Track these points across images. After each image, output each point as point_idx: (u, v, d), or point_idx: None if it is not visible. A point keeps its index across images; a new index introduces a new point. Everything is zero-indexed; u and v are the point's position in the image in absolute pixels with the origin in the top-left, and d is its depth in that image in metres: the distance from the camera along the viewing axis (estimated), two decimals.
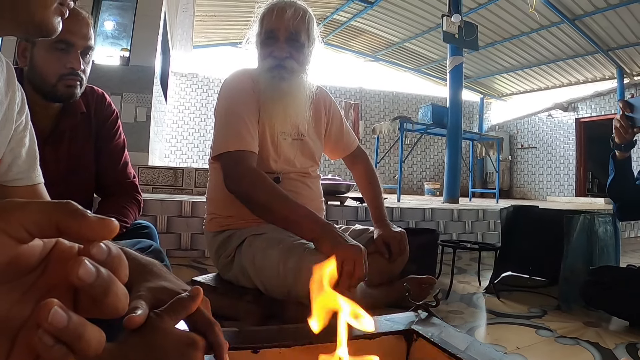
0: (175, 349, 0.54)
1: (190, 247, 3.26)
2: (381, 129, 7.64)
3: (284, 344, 0.91)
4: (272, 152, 1.75)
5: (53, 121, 1.55)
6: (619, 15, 9.55)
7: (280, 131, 1.76)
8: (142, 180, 4.89)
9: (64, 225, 0.33)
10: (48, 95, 1.48)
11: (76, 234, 0.34)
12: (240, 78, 1.76)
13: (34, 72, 1.46)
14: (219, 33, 12.98)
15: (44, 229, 0.33)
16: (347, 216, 3.84)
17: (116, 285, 0.34)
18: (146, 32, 6.23)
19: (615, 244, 2.67)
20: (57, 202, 0.34)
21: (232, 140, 1.62)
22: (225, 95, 1.74)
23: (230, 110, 1.68)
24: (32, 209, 0.33)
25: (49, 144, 1.51)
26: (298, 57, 1.73)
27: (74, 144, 1.59)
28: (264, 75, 1.72)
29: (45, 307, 0.30)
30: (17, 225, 0.32)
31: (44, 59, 1.44)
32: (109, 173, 1.69)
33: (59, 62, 1.44)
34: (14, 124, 0.95)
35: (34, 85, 1.47)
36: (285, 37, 1.70)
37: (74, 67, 1.46)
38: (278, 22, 1.69)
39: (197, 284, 1.70)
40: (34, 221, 0.33)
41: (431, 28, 11.70)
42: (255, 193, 1.52)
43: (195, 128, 13.00)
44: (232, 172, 1.58)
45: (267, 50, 1.72)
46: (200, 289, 0.60)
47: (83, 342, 0.32)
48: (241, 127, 1.63)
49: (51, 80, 1.45)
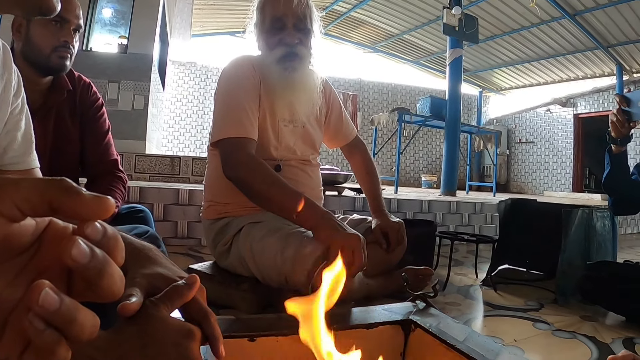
0: (171, 339, 0.53)
1: (187, 235, 3.25)
2: (379, 120, 7.62)
3: (281, 332, 0.91)
4: (273, 139, 1.74)
5: (42, 96, 1.66)
6: (619, 12, 9.53)
7: (281, 118, 1.75)
8: (139, 169, 4.88)
9: (58, 202, 0.32)
10: (41, 66, 1.60)
11: (70, 211, 0.32)
12: (241, 64, 1.74)
13: (30, 45, 1.58)
14: (217, 22, 12.91)
15: (36, 206, 0.32)
16: (345, 206, 3.83)
17: (111, 266, 0.33)
18: (145, 20, 6.20)
19: (613, 239, 2.67)
20: (51, 179, 0.32)
21: (232, 126, 1.60)
22: (226, 81, 1.72)
23: (230, 96, 1.67)
24: (25, 185, 0.32)
25: (38, 118, 1.58)
26: (307, 42, 1.72)
27: (61, 119, 1.70)
28: (274, 66, 1.70)
29: (36, 289, 0.28)
30: (8, 202, 0.31)
31: (40, 32, 1.58)
32: (92, 148, 1.78)
33: (53, 36, 1.58)
34: (10, 107, 0.93)
35: (28, 58, 1.58)
36: (293, 23, 1.68)
37: (67, 40, 1.61)
38: (285, 9, 1.67)
39: (193, 272, 1.69)
40: (26, 198, 0.31)
41: (431, 20, 11.66)
42: (253, 180, 1.51)
43: (193, 117, 12.96)
44: (231, 158, 1.57)
45: (275, 39, 1.70)
46: (196, 276, 0.58)
47: (76, 326, 0.30)
48: (241, 113, 1.62)
49: (46, 52, 1.58)
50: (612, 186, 2.15)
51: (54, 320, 0.29)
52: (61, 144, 1.69)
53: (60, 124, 1.70)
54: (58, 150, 1.67)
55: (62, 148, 1.69)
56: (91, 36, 6.23)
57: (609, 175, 2.11)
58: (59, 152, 1.67)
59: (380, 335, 0.99)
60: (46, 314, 0.29)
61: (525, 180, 14.49)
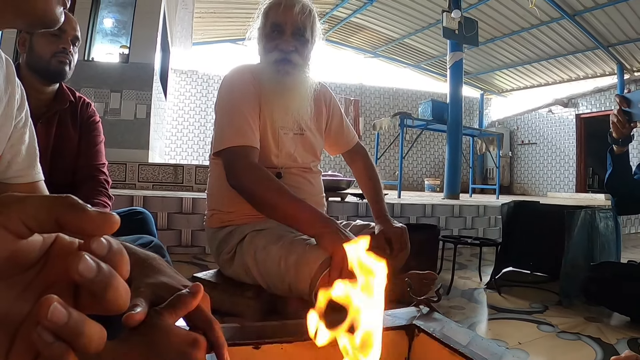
0: (176, 347, 0.53)
1: (191, 244, 3.26)
2: (381, 125, 7.63)
3: (286, 339, 0.91)
4: (274, 147, 1.74)
5: (46, 104, 1.81)
6: (619, 11, 9.54)
7: (281, 126, 1.76)
8: (143, 177, 4.89)
9: (64, 219, 0.33)
10: (43, 71, 1.75)
11: (76, 228, 0.33)
12: (241, 73, 1.75)
13: (32, 54, 1.74)
14: (218, 30, 12.96)
15: (43, 223, 0.33)
16: (348, 212, 3.84)
17: (117, 280, 0.33)
18: (145, 29, 6.22)
19: (616, 239, 2.67)
20: (57, 196, 0.33)
21: (234, 135, 1.61)
22: (226, 90, 1.73)
23: (231, 105, 1.68)
24: (32, 203, 0.33)
25: (41, 121, 1.75)
26: (302, 51, 1.73)
27: (63, 124, 1.85)
28: (268, 68, 1.71)
29: (44, 304, 0.29)
30: (16, 219, 0.32)
31: (41, 42, 1.74)
32: (84, 153, 1.90)
33: (53, 43, 1.75)
34: (14, 121, 0.94)
35: (32, 67, 1.75)
36: (292, 31, 1.69)
37: (65, 47, 1.77)
38: (285, 16, 1.68)
39: (197, 281, 1.70)
40: (33, 215, 0.32)
41: (431, 24, 11.67)
42: (257, 188, 1.52)
43: (195, 125, 12.99)
44: (234, 167, 1.58)
45: (272, 44, 1.71)
46: (200, 285, 0.59)
47: (83, 338, 0.31)
48: (242, 122, 1.63)
49: (46, 57, 1.73)
50: (615, 186, 2.15)
51: (62, 334, 0.30)
52: (62, 147, 1.82)
53: (62, 129, 1.84)
54: (58, 153, 1.81)
55: (62, 151, 1.82)
56: (92, 46, 6.25)
57: (612, 176, 2.12)
58: (59, 154, 1.80)
59: (384, 341, 0.99)
60: (55, 328, 0.29)
61: (529, 182, 14.47)
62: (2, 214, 0.32)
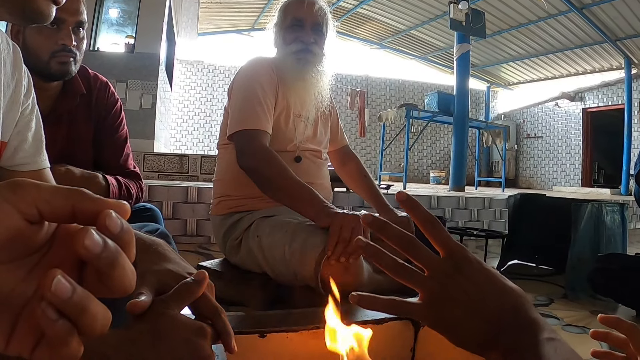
0: (181, 336, 0.53)
1: (196, 233, 3.26)
2: (387, 117, 7.62)
3: (292, 328, 0.91)
4: (291, 132, 1.78)
5: (52, 102, 1.53)
6: (627, 5, 9.45)
7: (296, 114, 1.80)
8: (148, 167, 4.90)
9: (81, 205, 0.33)
10: (43, 74, 1.43)
11: (92, 213, 0.33)
12: (261, 63, 1.82)
13: (27, 52, 1.36)
14: (224, 20, 12.93)
15: (57, 209, 0.33)
16: (354, 202, 3.85)
17: (123, 258, 0.33)
18: (151, 19, 6.21)
19: (623, 233, 2.66)
20: (73, 188, 0.34)
21: (248, 119, 1.65)
22: (243, 77, 1.78)
23: (248, 91, 1.72)
24: (48, 188, 0.33)
25: (47, 124, 1.38)
26: (321, 44, 1.82)
27: (73, 126, 1.57)
28: (289, 57, 1.77)
29: (49, 276, 0.29)
30: (30, 201, 0.32)
31: (35, 37, 1.41)
32: (111, 165, 1.66)
33: (49, 39, 1.41)
34: (21, 107, 0.94)
35: (29, 65, 1.42)
36: (312, 26, 1.78)
37: (65, 44, 1.42)
38: (306, 12, 1.77)
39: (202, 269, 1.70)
40: (47, 200, 0.32)
41: (438, 15, 11.62)
42: (266, 169, 1.56)
43: (201, 115, 13.01)
44: (246, 148, 1.62)
45: (292, 35, 1.78)
46: (205, 272, 0.59)
47: (88, 316, 0.30)
48: (257, 107, 1.67)
49: (44, 58, 1.41)
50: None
51: (66, 309, 0.29)
52: (72, 151, 1.56)
53: (71, 131, 1.57)
54: (68, 157, 1.51)
55: (73, 155, 1.55)
56: (98, 36, 6.25)
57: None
58: (69, 159, 1.50)
59: (390, 331, 1.00)
60: (59, 302, 0.29)
61: (534, 175, 14.43)
62: (15, 194, 0.32)
